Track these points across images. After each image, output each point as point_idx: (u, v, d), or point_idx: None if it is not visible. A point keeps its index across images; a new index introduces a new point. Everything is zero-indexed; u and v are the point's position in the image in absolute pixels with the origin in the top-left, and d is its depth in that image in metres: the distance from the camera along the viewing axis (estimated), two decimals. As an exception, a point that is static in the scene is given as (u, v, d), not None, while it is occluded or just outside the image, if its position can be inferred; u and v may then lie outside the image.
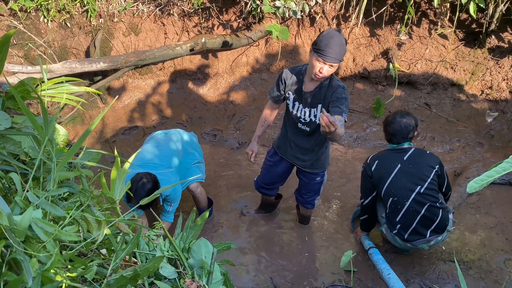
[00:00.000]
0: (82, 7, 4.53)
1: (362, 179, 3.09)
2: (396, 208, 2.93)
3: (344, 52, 2.52)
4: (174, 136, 3.32)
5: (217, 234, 3.52)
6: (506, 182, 3.87)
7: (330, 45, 2.44)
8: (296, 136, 2.95)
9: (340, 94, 2.62)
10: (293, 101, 2.82)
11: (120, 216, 1.27)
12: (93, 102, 4.72)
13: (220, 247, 1.48)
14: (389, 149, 3.01)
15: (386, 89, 4.70)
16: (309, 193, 3.24)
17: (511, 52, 4.31)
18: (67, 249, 1.08)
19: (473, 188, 1.43)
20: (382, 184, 2.93)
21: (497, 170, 1.41)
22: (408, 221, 2.91)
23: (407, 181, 2.88)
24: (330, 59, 2.46)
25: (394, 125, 2.95)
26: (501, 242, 3.33)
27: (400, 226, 2.95)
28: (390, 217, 2.99)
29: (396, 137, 2.94)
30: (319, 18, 4.67)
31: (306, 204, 3.32)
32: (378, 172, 2.94)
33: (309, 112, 2.78)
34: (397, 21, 4.56)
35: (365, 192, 3.08)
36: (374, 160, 3.00)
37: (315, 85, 2.67)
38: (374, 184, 2.99)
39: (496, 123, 4.38)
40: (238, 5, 4.68)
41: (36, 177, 1.09)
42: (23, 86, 1.22)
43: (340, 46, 2.47)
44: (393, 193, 2.90)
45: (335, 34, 2.48)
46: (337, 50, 2.46)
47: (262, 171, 3.35)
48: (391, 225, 3.01)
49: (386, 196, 2.94)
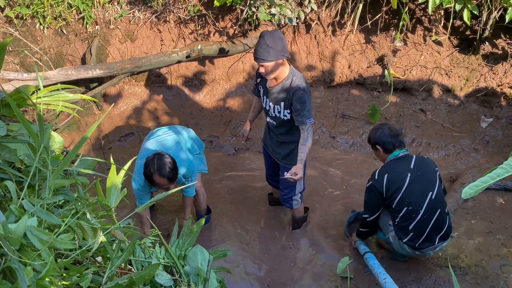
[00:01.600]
0: (78, 14, 4.54)
1: (370, 197, 2.99)
2: (410, 216, 2.89)
3: (275, 50, 2.60)
4: (175, 130, 3.33)
5: (213, 241, 3.51)
6: (501, 188, 3.89)
7: (258, 46, 2.62)
8: (271, 128, 3.13)
9: (299, 99, 2.74)
10: (263, 95, 3.01)
11: (116, 223, 1.26)
12: (89, 109, 4.71)
13: (216, 254, 1.48)
14: (392, 160, 2.95)
15: (381, 95, 4.73)
16: (285, 189, 3.28)
17: (505, 59, 4.35)
18: (62, 257, 1.07)
19: (468, 194, 1.43)
20: (396, 196, 2.87)
21: (491, 176, 1.42)
22: (422, 229, 2.90)
23: (419, 188, 2.87)
24: (259, 60, 2.64)
25: (384, 132, 2.95)
26: (497, 248, 3.33)
27: (413, 235, 2.92)
28: (402, 226, 2.94)
29: (392, 142, 2.93)
30: (315, 25, 4.69)
31: (284, 202, 3.36)
32: (392, 186, 2.87)
33: (273, 108, 2.92)
34: (392, 28, 4.60)
35: (372, 209, 3.01)
36: (382, 174, 2.91)
37: (277, 82, 2.83)
38: (385, 199, 2.91)
39: (491, 129, 4.41)
40: (234, 12, 4.70)
41: (32, 184, 1.09)
42: (18, 93, 1.22)
43: (266, 46, 2.58)
44: (408, 202, 2.86)
45: (264, 34, 2.61)
46: (261, 51, 2.60)
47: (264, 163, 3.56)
48: (402, 233, 2.95)
49: (399, 206, 2.89)
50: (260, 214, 3.81)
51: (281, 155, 3.14)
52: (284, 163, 3.14)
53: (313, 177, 4.19)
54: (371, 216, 3.02)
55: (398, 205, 2.89)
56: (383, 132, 2.95)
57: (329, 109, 4.81)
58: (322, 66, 4.80)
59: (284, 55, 2.67)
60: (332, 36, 4.73)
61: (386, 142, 2.93)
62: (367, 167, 4.32)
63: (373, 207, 3.01)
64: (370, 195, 2.99)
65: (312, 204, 3.84)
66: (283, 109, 2.87)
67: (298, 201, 3.36)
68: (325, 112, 4.80)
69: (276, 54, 2.61)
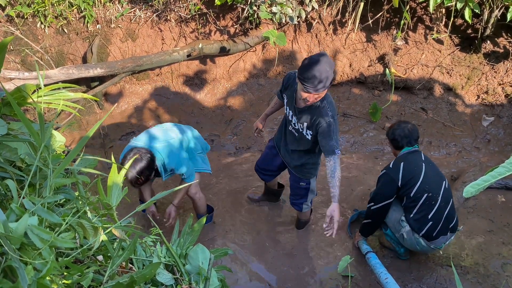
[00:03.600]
0: (79, 13, 4.54)
1: (382, 184, 3.01)
2: (430, 204, 2.92)
3: (330, 78, 2.45)
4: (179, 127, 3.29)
5: (214, 240, 3.51)
6: (502, 187, 3.88)
7: (311, 75, 2.39)
8: (288, 135, 3.03)
9: (328, 126, 2.63)
10: (286, 105, 2.89)
11: (117, 222, 1.26)
12: (90, 108, 4.71)
13: (217, 253, 1.48)
14: (405, 153, 3.01)
15: (382, 94, 4.72)
16: (295, 196, 3.29)
17: (506, 57, 4.34)
18: (63, 256, 1.07)
19: (469, 192, 1.43)
20: (414, 183, 2.90)
21: (493, 174, 1.41)
22: (439, 217, 2.94)
23: (435, 176, 2.96)
24: (308, 89, 2.43)
25: (403, 130, 3.02)
26: (498, 247, 3.33)
27: (432, 224, 2.94)
28: (419, 217, 2.95)
29: (409, 138, 3.00)
30: (316, 24, 4.69)
31: (293, 205, 3.37)
32: (409, 173, 2.91)
33: (297, 122, 2.83)
34: (393, 26, 4.59)
35: (379, 196, 3.01)
36: (398, 163, 2.96)
37: (305, 103, 2.61)
38: (401, 188, 2.93)
39: (492, 128, 4.40)
40: (235, 11, 4.69)
41: (32, 183, 1.09)
42: (19, 92, 1.22)
43: (321, 75, 2.39)
44: (428, 188, 2.91)
45: (316, 61, 2.40)
46: (313, 80, 2.40)
47: (262, 155, 3.49)
48: (420, 224, 2.96)
49: (419, 194, 2.91)
50: (260, 213, 3.81)
51: (292, 164, 3.11)
52: (295, 171, 3.13)
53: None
54: (376, 204, 3.02)
55: (418, 192, 2.90)
56: (412, 128, 3.04)
57: (330, 108, 4.80)
58: (323, 64, 4.79)
59: (330, 85, 2.55)
60: (333, 35, 4.72)
61: (400, 139, 3.02)
62: (369, 165, 4.32)
63: (381, 195, 3.00)
64: (382, 182, 3.00)
65: (313, 203, 3.84)
66: (306, 129, 2.79)
67: (308, 205, 3.36)
68: (326, 111, 4.79)
69: (325, 86, 2.47)
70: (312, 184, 3.20)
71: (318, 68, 2.39)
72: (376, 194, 3.05)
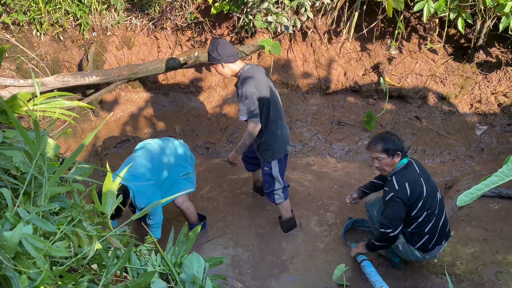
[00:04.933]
0: (75, 21, 4.55)
1: (396, 209, 2.86)
2: (427, 219, 2.91)
3: (212, 54, 3.15)
4: (168, 149, 3.32)
5: (207, 248, 3.49)
6: (496, 195, 3.90)
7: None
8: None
9: (239, 94, 3.15)
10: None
11: (112, 230, 1.26)
12: (85, 116, 4.71)
13: (212, 261, 1.47)
14: (401, 168, 2.93)
15: (377, 102, 4.75)
16: (265, 184, 3.46)
17: (499, 67, 4.38)
18: (57, 264, 1.07)
19: (463, 201, 1.44)
20: (417, 203, 2.85)
21: (486, 183, 1.43)
22: (435, 229, 2.94)
23: (431, 190, 2.92)
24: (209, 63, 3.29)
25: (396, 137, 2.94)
26: (492, 255, 3.34)
27: (428, 237, 2.94)
28: (416, 231, 2.94)
29: (403, 150, 2.91)
30: (311, 33, 4.72)
31: (267, 196, 3.50)
32: (414, 193, 2.84)
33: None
34: (388, 36, 4.63)
35: (396, 221, 2.88)
36: (403, 183, 2.85)
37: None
38: (408, 209, 2.87)
39: (486, 136, 4.44)
40: (230, 20, 4.72)
41: (27, 192, 1.08)
42: (15, 100, 1.22)
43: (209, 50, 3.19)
44: (428, 205, 2.88)
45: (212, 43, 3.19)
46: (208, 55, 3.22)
47: None
48: (416, 238, 2.95)
49: (420, 212, 2.88)
50: (255, 219, 3.80)
51: (254, 148, 3.40)
52: (257, 154, 3.41)
53: (309, 184, 4.19)
54: (395, 230, 2.87)
55: (419, 211, 2.87)
56: (397, 138, 2.95)
57: (325, 116, 4.83)
58: (318, 73, 4.82)
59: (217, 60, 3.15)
60: (328, 44, 4.76)
61: (403, 147, 2.93)
62: (363, 174, 4.33)
63: (398, 220, 2.87)
64: (396, 207, 2.86)
65: (308, 211, 3.84)
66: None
67: (281, 196, 3.44)
68: (321, 119, 4.82)
69: (214, 60, 3.14)
70: (274, 170, 3.34)
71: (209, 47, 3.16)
72: (392, 220, 2.88)
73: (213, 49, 3.13)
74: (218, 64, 3.17)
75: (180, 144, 3.45)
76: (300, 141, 4.73)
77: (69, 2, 4.42)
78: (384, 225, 2.90)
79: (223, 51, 3.12)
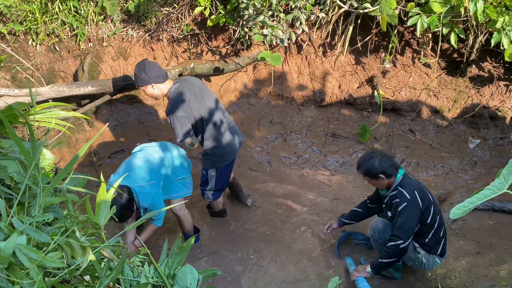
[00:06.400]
0: (71, 31, 4.57)
1: (411, 218, 2.83)
2: (440, 223, 2.98)
3: (139, 76, 3.23)
4: (166, 151, 3.34)
5: (199, 260, 3.47)
6: (489, 208, 3.92)
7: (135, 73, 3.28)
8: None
9: (170, 123, 3.27)
10: None
11: (105, 241, 1.25)
12: (80, 126, 4.70)
13: (205, 273, 1.47)
14: (402, 179, 2.95)
15: (371, 115, 4.79)
16: (201, 178, 3.61)
17: (491, 81, 4.44)
18: (50, 275, 1.06)
19: (456, 214, 1.45)
20: (430, 209, 2.91)
21: (479, 197, 1.44)
22: (445, 231, 3.03)
23: (432, 195, 3.01)
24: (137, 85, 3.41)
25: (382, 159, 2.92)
26: (485, 269, 3.34)
27: (444, 240, 3.01)
28: (434, 238, 2.97)
29: (394, 166, 2.93)
30: (306, 46, 4.77)
31: (201, 190, 3.65)
32: (424, 199, 2.88)
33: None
34: (382, 49, 4.69)
35: (410, 232, 2.85)
36: (412, 192, 2.86)
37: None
38: (423, 217, 2.88)
39: (479, 150, 4.47)
40: (226, 32, 4.76)
41: (21, 202, 1.08)
42: (11, 110, 1.23)
43: (135, 73, 3.29)
44: (437, 210, 2.97)
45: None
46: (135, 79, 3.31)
47: None
48: (436, 245, 3.00)
49: (434, 218, 2.93)
50: (248, 230, 3.79)
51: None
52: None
53: (303, 196, 4.19)
54: (406, 240, 2.81)
55: (433, 217, 2.93)
56: (382, 160, 2.91)
57: (319, 128, 4.85)
58: (313, 86, 4.86)
59: (144, 82, 3.24)
60: (322, 57, 4.80)
61: (389, 168, 2.90)
62: (358, 186, 4.34)
63: (411, 229, 2.84)
64: (411, 216, 2.82)
65: (302, 223, 3.84)
66: None
67: (210, 197, 3.62)
68: (316, 131, 4.84)
69: (141, 82, 3.20)
70: (210, 176, 3.49)
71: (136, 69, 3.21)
72: (404, 231, 2.82)
73: (140, 70, 3.13)
74: (148, 86, 3.16)
75: (175, 147, 3.46)
76: (295, 152, 4.74)
77: (66, 13, 4.44)
78: (395, 237, 2.84)
79: (152, 72, 3.13)
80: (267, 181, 4.45)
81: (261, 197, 4.17)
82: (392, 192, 2.97)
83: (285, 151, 4.78)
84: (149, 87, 3.17)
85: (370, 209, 3.36)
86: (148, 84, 3.14)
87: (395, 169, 2.93)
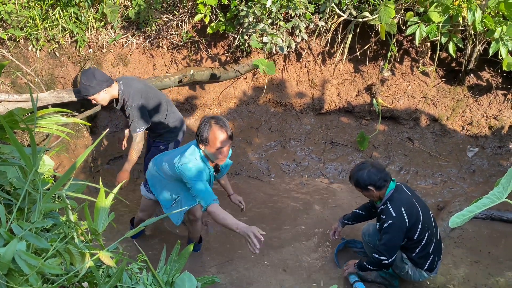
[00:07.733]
0: (71, 37, 4.58)
1: (394, 236, 2.84)
2: (430, 240, 2.93)
3: (86, 87, 3.27)
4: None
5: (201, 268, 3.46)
6: (488, 217, 3.92)
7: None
8: None
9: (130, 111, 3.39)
10: None
11: (104, 248, 1.25)
12: (79, 131, 4.69)
13: (204, 281, 1.47)
14: (392, 193, 2.92)
15: (370, 123, 4.80)
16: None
17: (489, 90, 4.47)
18: (49, 282, 1.06)
19: (454, 223, 1.45)
20: (417, 226, 2.85)
21: (477, 205, 1.44)
22: (436, 248, 2.99)
23: (425, 210, 2.96)
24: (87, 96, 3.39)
25: (371, 170, 2.91)
26: (484, 278, 3.34)
27: (433, 257, 2.98)
28: (422, 254, 2.95)
29: (383, 178, 2.91)
30: (305, 54, 4.79)
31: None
32: (411, 217, 2.83)
33: None
34: (380, 58, 4.71)
35: (393, 250, 2.87)
36: (399, 209, 2.84)
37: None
38: (406, 232, 2.86)
39: (477, 158, 4.48)
40: (226, 40, 4.78)
41: (21, 208, 1.08)
42: (12, 116, 1.23)
43: (80, 85, 3.35)
44: (427, 226, 2.90)
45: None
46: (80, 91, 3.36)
47: None
48: (423, 260, 2.97)
49: (422, 235, 2.88)
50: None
51: None
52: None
53: (302, 204, 4.19)
54: (389, 258, 2.85)
55: (420, 234, 2.88)
56: (370, 172, 2.90)
57: (318, 136, 4.86)
58: (312, 93, 4.88)
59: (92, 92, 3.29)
60: (322, 65, 4.82)
61: (378, 180, 2.89)
62: (356, 194, 4.34)
63: (395, 248, 2.86)
64: (394, 234, 2.83)
65: (300, 231, 3.83)
66: None
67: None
68: (315, 139, 4.84)
69: (90, 92, 3.25)
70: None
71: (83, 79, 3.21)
72: (388, 248, 2.85)
73: (90, 79, 3.09)
74: (100, 92, 3.14)
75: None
76: (294, 160, 4.74)
77: (66, 19, 4.46)
78: (379, 252, 2.88)
79: (101, 77, 3.12)
80: (265, 188, 4.45)
81: (260, 205, 4.17)
82: (382, 205, 2.95)
83: (284, 159, 4.78)
84: (102, 93, 3.15)
85: (371, 213, 3.37)
86: (102, 89, 3.12)
87: (384, 181, 2.90)
